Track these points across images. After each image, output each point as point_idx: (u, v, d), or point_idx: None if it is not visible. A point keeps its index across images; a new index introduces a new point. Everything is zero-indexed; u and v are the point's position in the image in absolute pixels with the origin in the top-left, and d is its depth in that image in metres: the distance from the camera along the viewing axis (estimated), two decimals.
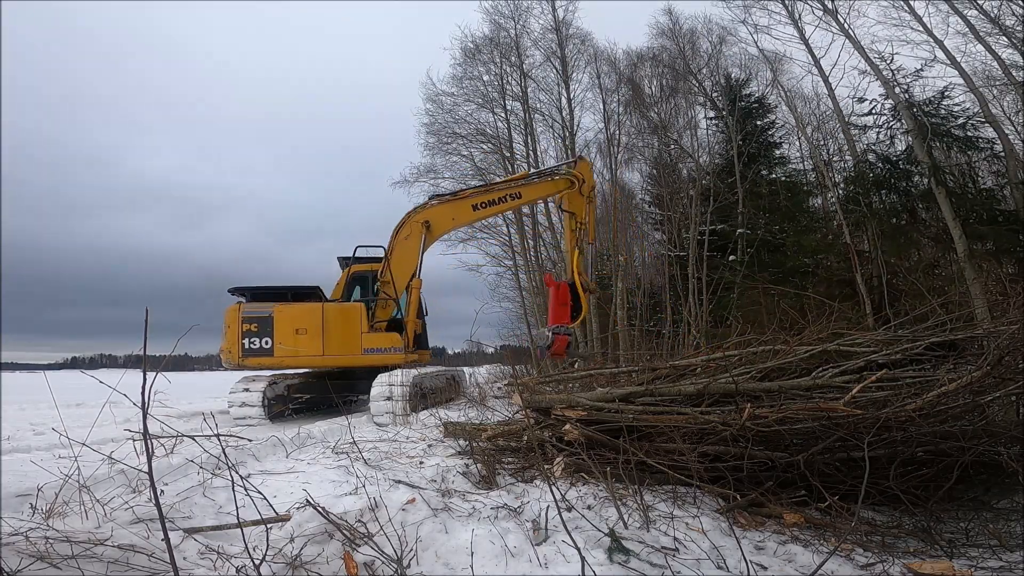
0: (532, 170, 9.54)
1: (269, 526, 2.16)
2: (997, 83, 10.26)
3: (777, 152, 14.78)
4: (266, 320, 7.81)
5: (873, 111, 10.25)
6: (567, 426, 3.45)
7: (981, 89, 9.38)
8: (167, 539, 1.64)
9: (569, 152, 15.89)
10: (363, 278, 8.94)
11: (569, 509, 2.53)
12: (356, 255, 8.78)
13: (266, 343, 7.74)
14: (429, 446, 4.72)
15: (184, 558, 2.04)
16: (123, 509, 2.51)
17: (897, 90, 9.63)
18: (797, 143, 14.90)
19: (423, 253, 8.34)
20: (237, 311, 7.84)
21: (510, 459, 3.90)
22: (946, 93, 9.40)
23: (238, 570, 1.92)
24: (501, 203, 8.71)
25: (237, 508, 2.18)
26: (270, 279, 8.47)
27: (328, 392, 7.31)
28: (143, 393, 1.61)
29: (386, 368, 7.80)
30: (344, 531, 2.19)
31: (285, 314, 7.88)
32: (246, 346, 7.71)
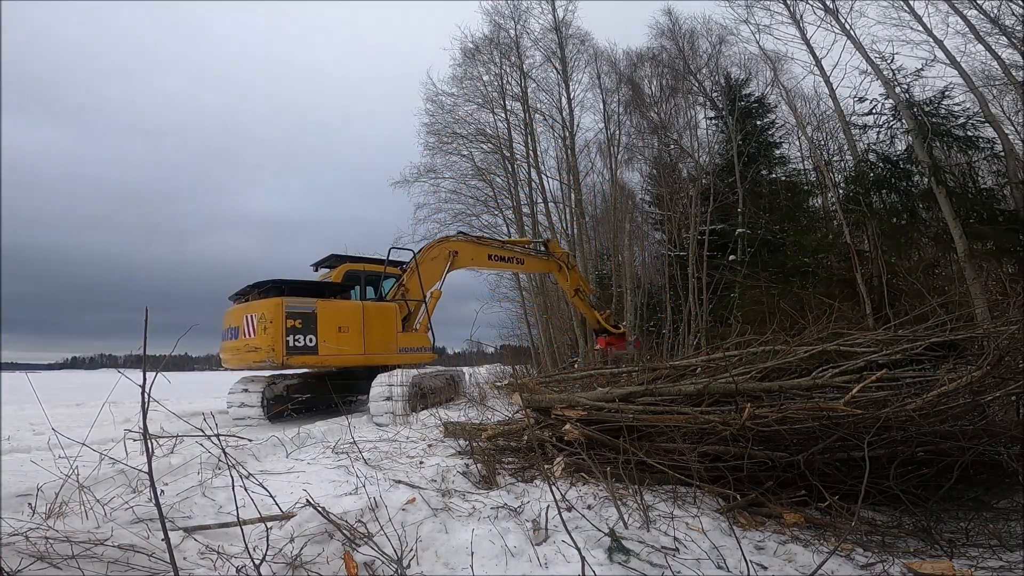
0: (532, 239, 13.02)
1: (269, 525, 2.16)
2: (997, 83, 10.24)
3: (777, 152, 14.78)
4: (309, 316, 7.22)
5: (873, 111, 10.23)
6: (567, 426, 3.46)
7: (981, 89, 9.37)
8: (167, 539, 1.64)
9: (569, 152, 15.92)
10: (356, 277, 8.97)
11: (569, 509, 2.53)
12: (389, 256, 9.05)
13: (311, 340, 7.19)
14: (429, 446, 4.71)
15: (184, 558, 2.04)
16: (123, 509, 2.51)
17: (897, 90, 9.62)
18: (797, 143, 14.91)
19: (446, 275, 9.24)
20: (280, 306, 7.03)
21: (510, 459, 3.90)
22: (946, 93, 9.39)
23: (238, 570, 1.91)
24: (508, 263, 10.40)
25: (237, 508, 2.18)
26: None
27: (328, 392, 7.29)
28: (143, 393, 1.61)
29: (386, 368, 7.80)
30: (344, 531, 2.19)
31: (329, 310, 7.43)
32: (292, 343, 7.02)
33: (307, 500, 2.34)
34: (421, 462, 3.95)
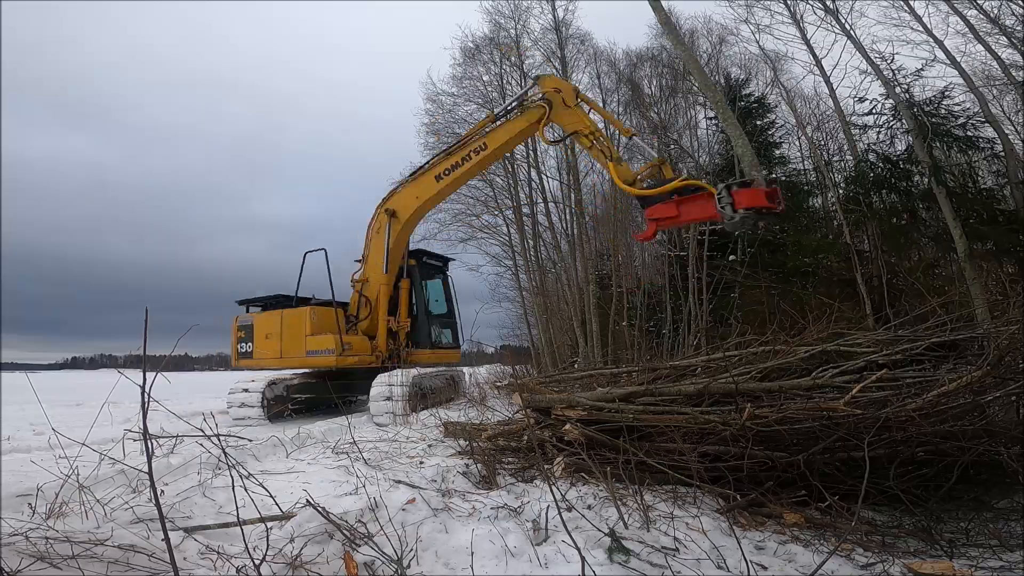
0: (498, 111, 7.63)
1: (269, 526, 2.16)
2: (997, 83, 10.24)
3: (777, 152, 14.76)
4: (249, 327, 8.82)
5: (873, 111, 10.23)
6: (567, 426, 3.46)
7: (981, 89, 9.37)
8: (167, 539, 1.64)
9: (569, 152, 15.88)
10: None
11: (569, 509, 2.53)
12: (304, 261, 8.77)
13: (249, 347, 8.78)
14: (429, 446, 4.72)
15: (184, 558, 2.04)
16: (123, 509, 2.51)
17: (897, 90, 9.61)
18: (797, 143, 14.89)
19: (389, 243, 7.94)
20: (235, 321, 9.02)
21: (510, 459, 3.90)
22: (946, 93, 9.38)
23: (238, 570, 1.91)
24: (466, 162, 7.43)
25: (237, 508, 2.18)
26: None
27: (327, 392, 7.33)
28: (143, 393, 1.61)
29: (385, 369, 7.81)
30: (344, 531, 2.19)
31: (260, 321, 8.82)
32: (240, 350, 8.87)
33: (307, 500, 2.34)
34: (421, 462, 3.95)
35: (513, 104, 7.41)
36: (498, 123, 7.33)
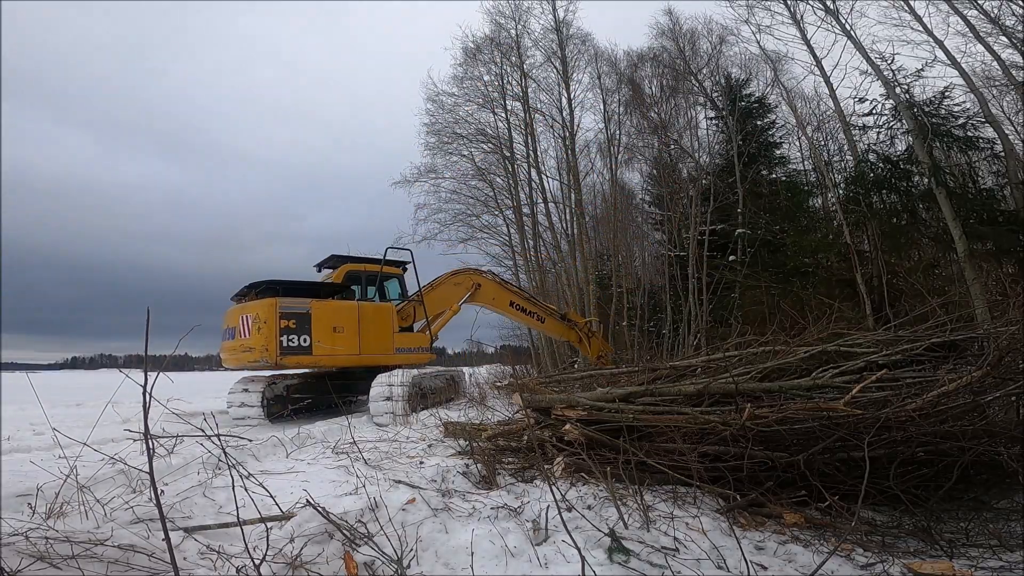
0: (562, 309, 11.22)
1: (269, 525, 2.16)
2: (997, 83, 10.24)
3: (777, 152, 14.76)
4: (304, 317, 7.28)
5: (873, 111, 10.22)
6: (567, 426, 3.46)
7: (981, 89, 9.37)
8: (167, 539, 1.64)
9: (569, 152, 15.91)
10: (357, 277, 8.98)
11: (569, 509, 2.53)
12: (386, 256, 8.97)
13: (304, 341, 7.25)
14: (429, 446, 4.72)
15: (184, 558, 2.04)
16: (123, 509, 2.51)
17: (898, 90, 9.61)
18: (797, 143, 14.88)
19: (462, 303, 9.33)
20: (274, 306, 7.11)
21: (510, 459, 3.90)
22: (946, 93, 9.37)
23: (238, 570, 1.91)
24: (528, 316, 10.01)
25: (237, 508, 2.18)
26: None
27: (328, 392, 7.29)
28: (144, 393, 1.61)
29: (386, 368, 7.80)
30: (344, 531, 2.19)
31: (323, 311, 7.47)
32: (284, 344, 7.09)
33: (307, 500, 2.34)
34: (421, 462, 3.95)
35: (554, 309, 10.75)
36: (556, 315, 10.48)
